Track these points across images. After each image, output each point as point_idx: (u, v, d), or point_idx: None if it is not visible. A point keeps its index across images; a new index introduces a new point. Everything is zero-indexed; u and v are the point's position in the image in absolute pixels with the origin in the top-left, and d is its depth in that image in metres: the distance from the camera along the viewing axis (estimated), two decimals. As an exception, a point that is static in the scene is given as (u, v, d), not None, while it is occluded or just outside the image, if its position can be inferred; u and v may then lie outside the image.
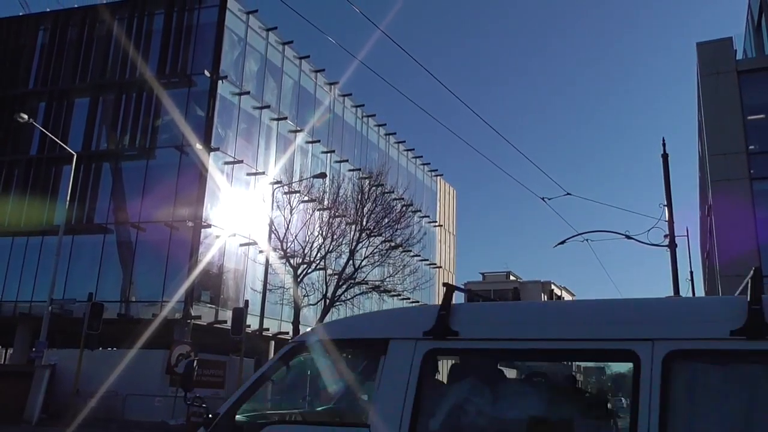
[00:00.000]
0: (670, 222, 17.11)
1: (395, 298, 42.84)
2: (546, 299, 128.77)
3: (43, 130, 30.27)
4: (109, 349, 29.91)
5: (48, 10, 36.25)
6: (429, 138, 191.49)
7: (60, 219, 28.66)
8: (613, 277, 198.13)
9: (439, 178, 58.48)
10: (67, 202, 27.74)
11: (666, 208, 17.37)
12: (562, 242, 20.30)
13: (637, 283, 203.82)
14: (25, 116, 26.24)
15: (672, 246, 16.98)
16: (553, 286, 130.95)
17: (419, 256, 44.03)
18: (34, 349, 25.48)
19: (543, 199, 20.94)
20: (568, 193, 20.77)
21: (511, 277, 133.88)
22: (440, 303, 3.93)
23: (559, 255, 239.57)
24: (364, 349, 4.60)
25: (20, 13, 37.64)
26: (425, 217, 51.65)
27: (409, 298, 46.55)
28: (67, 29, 35.38)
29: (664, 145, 17.77)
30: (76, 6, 35.56)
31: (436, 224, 56.04)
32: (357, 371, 4.94)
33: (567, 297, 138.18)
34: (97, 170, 32.27)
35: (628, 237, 18.23)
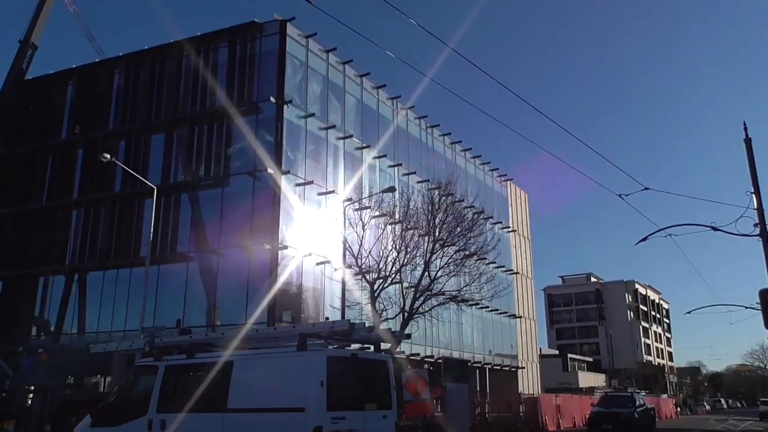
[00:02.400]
0: (759, 210, 16.17)
1: (473, 307, 42.35)
2: (630, 299, 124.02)
3: (125, 168, 31.86)
4: (199, 373, 30.89)
5: (121, 54, 38.31)
6: (495, 142, 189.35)
7: (146, 250, 29.96)
8: (702, 272, 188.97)
9: (509, 182, 57.65)
10: (151, 234, 28.96)
11: (753, 195, 16.42)
12: (644, 239, 19.54)
13: (729, 276, 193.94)
14: (108, 156, 27.61)
15: (763, 235, 16.03)
16: (637, 286, 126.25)
17: (495, 263, 43.43)
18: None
19: (620, 195, 20.24)
20: (646, 188, 19.99)
21: (592, 279, 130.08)
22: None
23: (643, 253, 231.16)
24: None
25: (96, 60, 39.95)
26: (498, 223, 50.95)
27: (487, 307, 45.95)
28: (140, 71, 37.26)
29: (745, 129, 16.88)
30: (146, 48, 37.39)
31: (510, 230, 55.20)
32: None
33: (653, 296, 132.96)
34: (177, 201, 33.63)
35: (715, 229, 17.36)
